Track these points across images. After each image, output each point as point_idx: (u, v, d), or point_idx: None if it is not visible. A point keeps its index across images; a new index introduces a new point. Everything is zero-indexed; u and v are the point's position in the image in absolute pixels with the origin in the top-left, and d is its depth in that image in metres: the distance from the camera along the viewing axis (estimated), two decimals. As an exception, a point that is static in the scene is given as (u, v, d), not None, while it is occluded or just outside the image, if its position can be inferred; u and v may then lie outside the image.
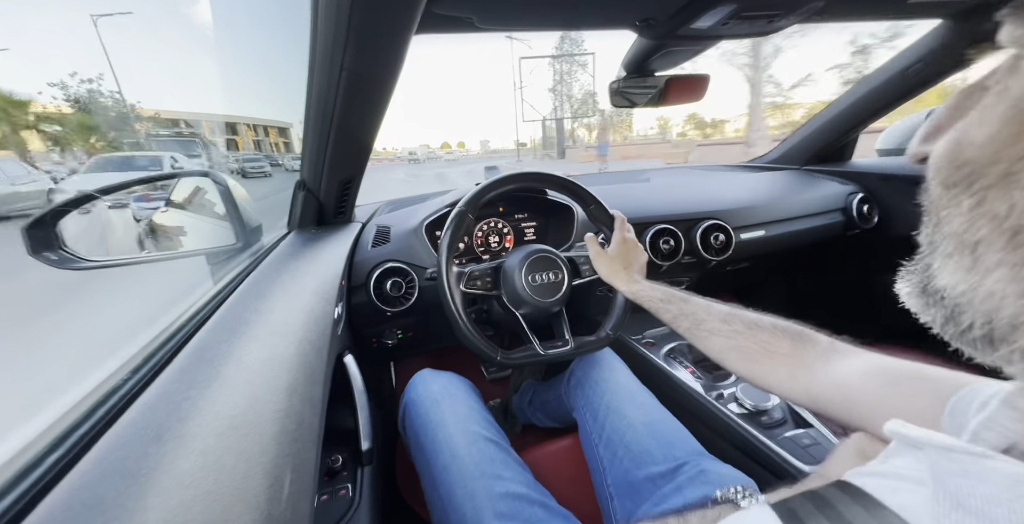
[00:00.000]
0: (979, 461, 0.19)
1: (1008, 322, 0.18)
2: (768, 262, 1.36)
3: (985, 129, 0.18)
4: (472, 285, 0.77)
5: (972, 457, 0.19)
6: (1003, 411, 0.21)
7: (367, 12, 0.46)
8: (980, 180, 0.18)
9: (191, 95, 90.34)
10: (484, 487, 0.57)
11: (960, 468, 0.19)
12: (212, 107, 61.81)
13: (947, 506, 0.19)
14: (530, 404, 1.05)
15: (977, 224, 0.18)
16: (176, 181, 1.23)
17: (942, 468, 0.20)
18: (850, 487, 0.23)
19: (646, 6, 0.63)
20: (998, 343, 0.19)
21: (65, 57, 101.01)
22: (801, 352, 0.46)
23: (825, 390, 0.42)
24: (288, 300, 0.54)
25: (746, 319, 0.53)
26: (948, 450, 0.20)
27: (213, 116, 35.91)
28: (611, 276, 0.74)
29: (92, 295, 2.59)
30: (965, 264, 0.19)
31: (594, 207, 0.83)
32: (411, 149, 47.80)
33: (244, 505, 0.27)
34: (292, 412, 0.37)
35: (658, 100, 0.84)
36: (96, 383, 0.35)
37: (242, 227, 0.84)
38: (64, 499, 0.23)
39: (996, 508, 0.17)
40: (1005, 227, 0.17)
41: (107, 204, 0.78)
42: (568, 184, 0.83)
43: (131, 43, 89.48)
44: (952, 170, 0.20)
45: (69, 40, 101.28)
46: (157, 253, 0.88)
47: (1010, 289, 0.17)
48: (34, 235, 0.60)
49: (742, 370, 0.51)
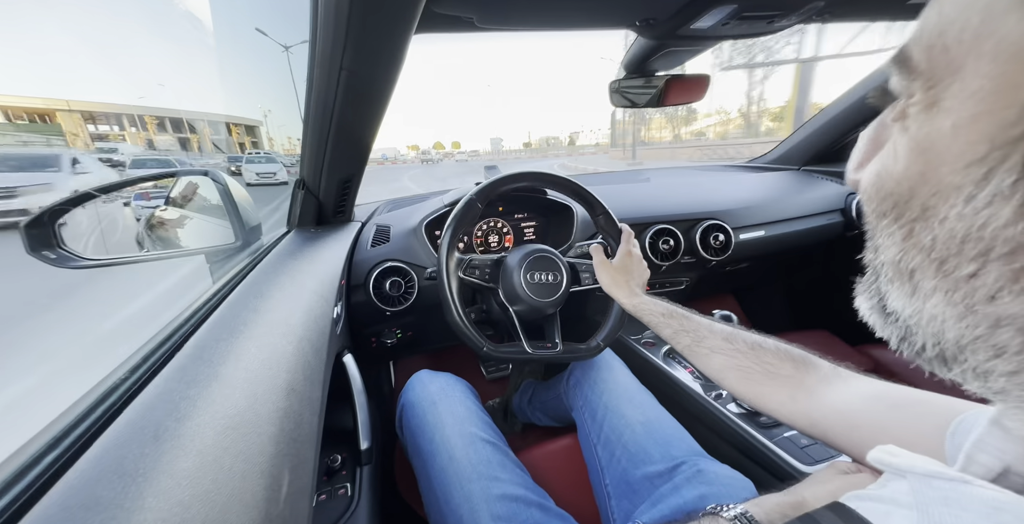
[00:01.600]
0: (959, 487, 0.19)
1: (954, 343, 0.18)
2: (767, 262, 1.37)
3: (899, 164, 0.19)
4: (471, 273, 0.77)
5: (952, 483, 0.19)
6: (992, 431, 0.21)
7: (367, 11, 0.46)
8: (906, 213, 0.19)
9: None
10: (481, 489, 0.57)
11: (941, 495, 0.19)
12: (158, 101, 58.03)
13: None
14: (530, 403, 1.05)
15: (910, 254, 0.19)
16: (175, 180, 1.23)
17: (925, 496, 0.20)
18: (844, 510, 0.23)
19: (646, 6, 0.63)
20: (951, 362, 0.19)
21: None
22: (803, 376, 0.46)
23: (826, 414, 0.41)
24: (287, 299, 0.54)
25: (749, 339, 0.52)
26: (929, 477, 0.20)
27: (154, 109, 32.15)
28: (613, 287, 0.73)
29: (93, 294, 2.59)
30: (906, 290, 0.20)
31: (603, 217, 0.84)
32: (424, 149, 47.74)
33: (242, 505, 0.27)
34: (291, 411, 0.37)
35: (658, 100, 0.84)
36: (95, 381, 0.35)
37: (241, 226, 0.83)
38: (61, 499, 0.23)
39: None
40: (933, 257, 0.18)
41: (106, 202, 0.77)
42: (579, 189, 0.83)
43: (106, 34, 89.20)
44: (879, 201, 0.20)
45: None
46: (156, 252, 0.88)
47: (948, 313, 0.18)
48: (32, 233, 0.60)
49: (742, 391, 0.50)
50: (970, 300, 0.17)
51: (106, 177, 5.58)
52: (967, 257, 0.17)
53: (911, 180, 0.18)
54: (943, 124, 0.17)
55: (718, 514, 0.39)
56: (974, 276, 0.17)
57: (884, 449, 0.23)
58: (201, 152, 35.39)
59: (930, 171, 0.17)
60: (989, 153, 0.15)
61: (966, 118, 0.16)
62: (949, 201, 0.17)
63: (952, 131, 0.16)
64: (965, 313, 0.17)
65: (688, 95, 0.86)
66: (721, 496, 0.55)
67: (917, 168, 0.18)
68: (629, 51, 0.81)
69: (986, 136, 0.15)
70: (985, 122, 0.15)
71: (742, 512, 0.38)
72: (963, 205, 0.16)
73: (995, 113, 0.15)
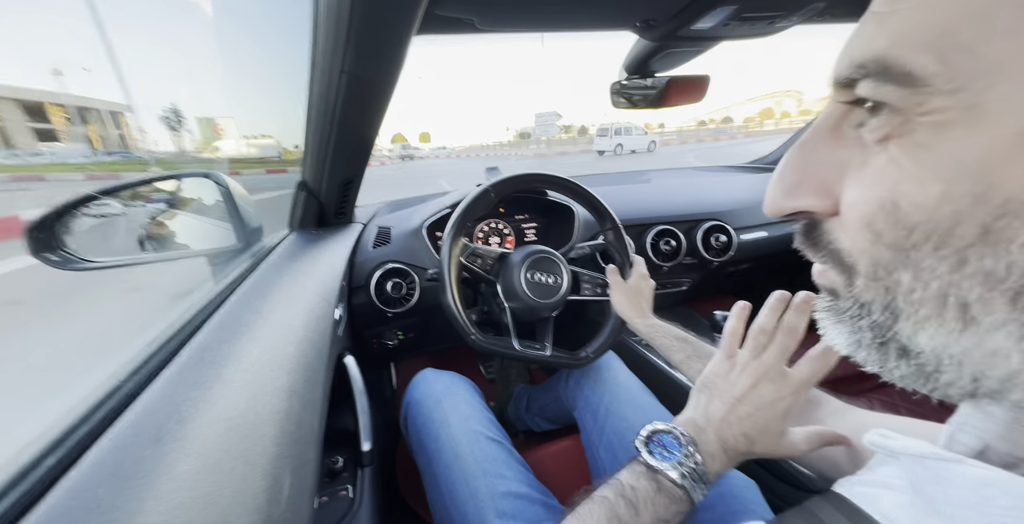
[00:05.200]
0: (950, 466, 0.19)
1: (1003, 379, 0.16)
2: (769, 263, 1.36)
3: (930, 189, 0.16)
4: (472, 261, 0.77)
5: (944, 462, 0.19)
6: (973, 413, 0.22)
7: (368, 14, 0.46)
8: (951, 241, 0.16)
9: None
10: (486, 486, 0.57)
11: (934, 474, 0.19)
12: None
13: (923, 512, 0.19)
14: (528, 410, 1.04)
15: (963, 286, 0.16)
16: (177, 182, 1.23)
17: (917, 475, 0.20)
18: (836, 497, 0.24)
19: (647, 7, 0.63)
20: (980, 396, 0.18)
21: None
22: (813, 410, 0.46)
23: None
24: (289, 301, 0.54)
25: None
26: (922, 457, 0.20)
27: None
28: (628, 309, 0.73)
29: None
30: (952, 326, 0.17)
31: (612, 232, 0.84)
32: (404, 145, 46.40)
33: (243, 507, 0.26)
34: (292, 413, 0.37)
35: (658, 101, 0.84)
36: (96, 383, 0.35)
37: (243, 228, 0.83)
38: (62, 501, 0.23)
39: (967, 511, 0.18)
40: (1005, 288, 0.15)
41: (108, 205, 0.78)
42: (595, 201, 0.84)
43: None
44: (899, 232, 0.17)
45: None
46: (158, 254, 0.88)
47: (1015, 348, 0.16)
48: (35, 236, 0.60)
49: None
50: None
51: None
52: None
53: (955, 203, 0.15)
54: (997, 132, 0.14)
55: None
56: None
57: (879, 432, 0.23)
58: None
59: (989, 190, 0.15)
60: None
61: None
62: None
63: (1015, 139, 0.14)
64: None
65: (688, 96, 0.86)
66: (723, 496, 0.55)
67: (964, 189, 0.15)
68: (630, 52, 0.81)
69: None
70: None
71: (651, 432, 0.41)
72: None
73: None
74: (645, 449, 0.40)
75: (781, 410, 0.40)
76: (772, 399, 0.40)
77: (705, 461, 0.38)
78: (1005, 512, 0.17)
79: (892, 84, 0.16)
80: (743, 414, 0.40)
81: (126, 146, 41.51)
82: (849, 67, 0.18)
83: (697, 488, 0.38)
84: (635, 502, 0.37)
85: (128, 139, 46.75)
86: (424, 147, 66.75)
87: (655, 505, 0.37)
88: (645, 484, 0.38)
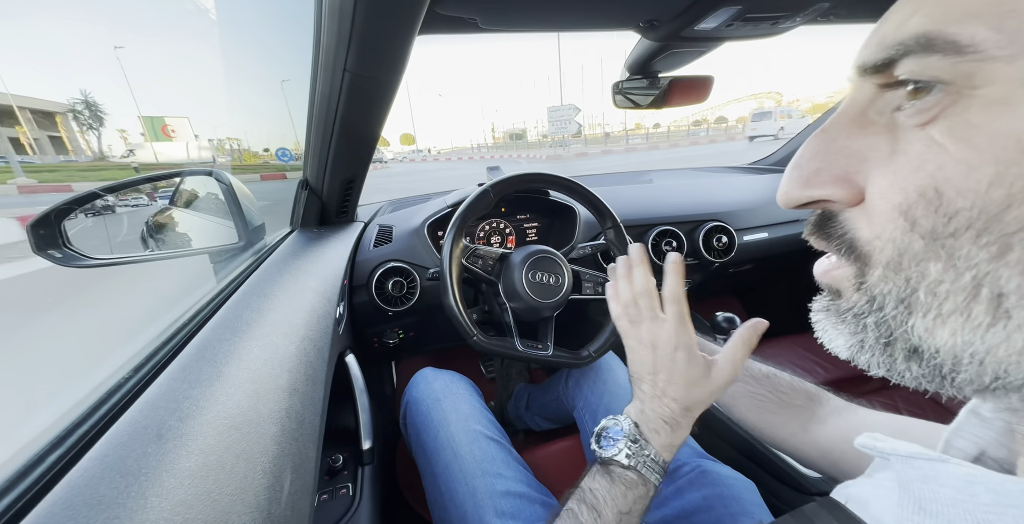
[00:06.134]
0: (936, 466, 0.19)
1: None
2: (771, 264, 1.36)
3: (980, 172, 0.15)
4: (473, 262, 0.77)
5: (930, 462, 0.20)
6: (970, 419, 0.22)
7: (371, 13, 0.46)
8: (993, 227, 0.15)
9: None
10: (485, 485, 0.57)
11: (921, 474, 0.20)
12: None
13: (910, 510, 0.19)
14: (527, 409, 1.04)
15: (1002, 274, 0.15)
16: (180, 180, 1.23)
17: (906, 475, 0.21)
18: (832, 503, 0.25)
19: (650, 7, 0.63)
20: (999, 393, 0.17)
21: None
22: (815, 407, 0.46)
23: (837, 444, 0.42)
24: (290, 299, 0.54)
25: (763, 369, 0.52)
26: (910, 458, 0.21)
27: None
28: None
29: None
30: (981, 320, 0.16)
31: (613, 230, 0.84)
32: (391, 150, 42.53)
33: (244, 504, 0.27)
34: (293, 411, 0.37)
35: (661, 101, 0.84)
36: (99, 380, 0.35)
37: (245, 226, 0.84)
38: (65, 497, 0.23)
39: (952, 509, 0.18)
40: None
41: (111, 202, 0.78)
42: (595, 200, 0.84)
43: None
44: (938, 219, 0.16)
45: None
46: (160, 252, 0.88)
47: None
48: (38, 233, 0.60)
49: (754, 419, 0.50)
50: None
51: None
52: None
53: (1008, 187, 0.14)
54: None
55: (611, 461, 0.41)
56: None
57: (871, 435, 0.24)
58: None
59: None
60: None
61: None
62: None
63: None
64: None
65: (691, 96, 0.86)
66: (724, 497, 0.55)
67: (1019, 170, 0.14)
68: (633, 52, 0.81)
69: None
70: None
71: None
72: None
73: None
74: (597, 445, 0.43)
75: (683, 359, 0.41)
76: (670, 353, 0.41)
77: (649, 437, 0.41)
78: (988, 509, 0.17)
79: (938, 54, 0.15)
80: (663, 382, 0.41)
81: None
82: (883, 49, 0.17)
83: (648, 466, 0.39)
84: (595, 504, 0.39)
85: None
86: (405, 149, 59.68)
87: (614, 499, 0.38)
88: (601, 480, 0.40)
